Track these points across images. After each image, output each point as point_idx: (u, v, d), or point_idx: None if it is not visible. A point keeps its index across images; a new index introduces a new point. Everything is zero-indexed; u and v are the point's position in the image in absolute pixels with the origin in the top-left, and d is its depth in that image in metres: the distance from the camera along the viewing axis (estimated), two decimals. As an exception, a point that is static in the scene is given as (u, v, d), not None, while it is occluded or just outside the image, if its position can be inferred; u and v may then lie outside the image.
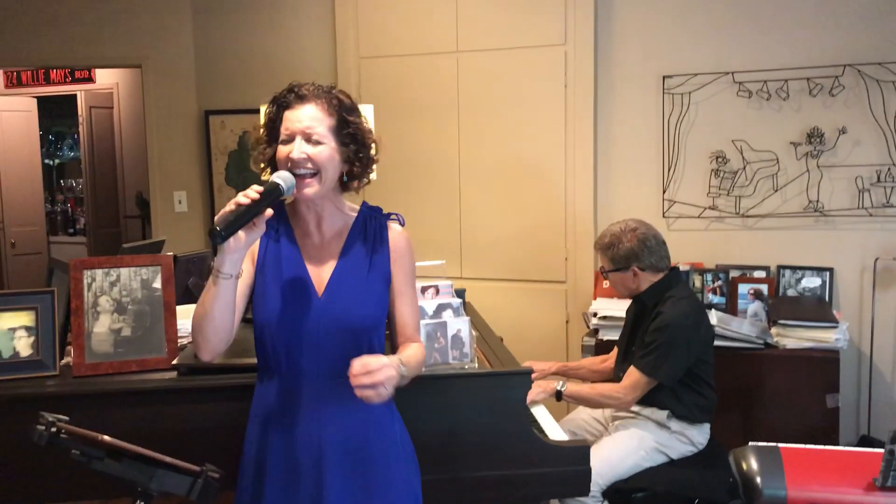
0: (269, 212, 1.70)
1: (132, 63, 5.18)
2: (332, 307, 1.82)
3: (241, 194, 1.67)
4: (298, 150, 1.76)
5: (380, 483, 1.86)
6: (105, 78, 7.50)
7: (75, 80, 7.57)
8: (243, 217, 1.65)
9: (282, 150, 1.79)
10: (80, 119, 7.49)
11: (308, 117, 1.77)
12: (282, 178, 1.74)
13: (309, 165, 1.76)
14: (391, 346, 1.95)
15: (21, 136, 7.52)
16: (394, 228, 1.93)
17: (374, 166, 1.91)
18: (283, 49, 4.73)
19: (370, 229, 1.91)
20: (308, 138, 1.77)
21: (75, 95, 7.51)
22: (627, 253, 2.99)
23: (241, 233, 1.67)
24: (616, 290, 3.14)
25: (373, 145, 1.88)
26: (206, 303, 1.74)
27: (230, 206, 1.66)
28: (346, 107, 1.83)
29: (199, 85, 4.94)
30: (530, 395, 2.79)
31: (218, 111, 4.91)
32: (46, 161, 9.10)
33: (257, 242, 1.84)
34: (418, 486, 1.96)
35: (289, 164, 1.77)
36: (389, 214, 1.96)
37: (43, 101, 7.88)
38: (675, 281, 3.06)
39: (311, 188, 1.78)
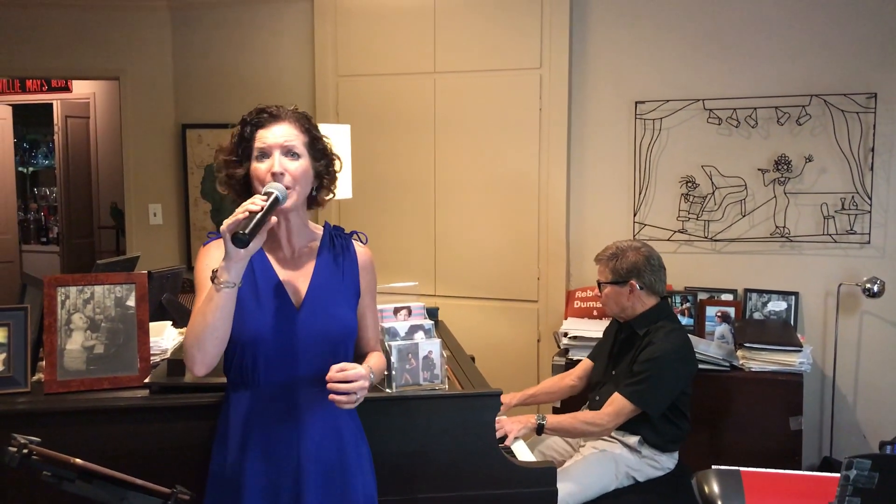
0: (274, 219, 1.77)
1: (110, 75, 5.19)
2: (312, 319, 1.88)
3: (249, 202, 1.72)
4: (279, 163, 1.83)
5: (356, 497, 1.92)
6: (82, 88, 7.46)
7: (51, 90, 7.52)
8: (259, 221, 1.70)
9: (258, 167, 1.86)
10: (56, 128, 7.44)
11: (284, 134, 1.86)
12: (275, 188, 1.80)
13: (287, 179, 1.83)
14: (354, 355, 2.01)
15: (-5, 143, 7.45)
16: (358, 245, 2.03)
17: (337, 183, 2.01)
18: (262, 66, 4.76)
19: (337, 245, 2.00)
20: (287, 152, 1.85)
21: (51, 104, 7.47)
22: (630, 266, 3.01)
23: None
24: (606, 306, 3.12)
25: (336, 162, 1.98)
26: (207, 314, 1.74)
27: (242, 214, 1.69)
28: (314, 126, 1.94)
29: (177, 98, 4.95)
30: (513, 432, 2.77)
31: (195, 125, 4.92)
32: (20, 168, 9.01)
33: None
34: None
35: (269, 179, 1.83)
36: (353, 233, 2.06)
37: (18, 108, 7.81)
38: (666, 311, 3.08)
39: (290, 199, 1.84)
